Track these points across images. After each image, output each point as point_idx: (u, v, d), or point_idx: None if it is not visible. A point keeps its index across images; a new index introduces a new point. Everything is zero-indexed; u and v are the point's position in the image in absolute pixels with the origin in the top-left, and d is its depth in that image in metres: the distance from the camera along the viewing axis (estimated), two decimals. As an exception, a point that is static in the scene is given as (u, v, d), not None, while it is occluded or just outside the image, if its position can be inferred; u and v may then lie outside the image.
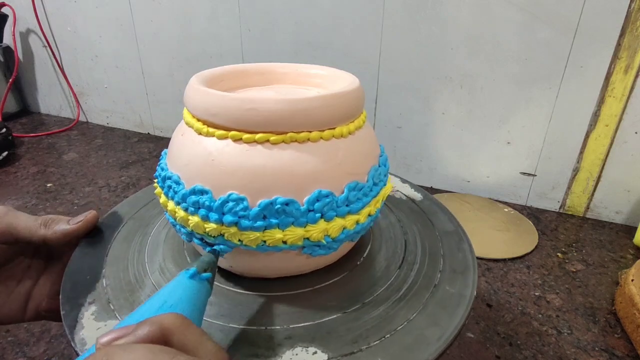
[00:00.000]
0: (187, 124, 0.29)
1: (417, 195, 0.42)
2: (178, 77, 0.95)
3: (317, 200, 0.25)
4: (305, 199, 0.25)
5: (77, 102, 1.11)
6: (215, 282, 0.30)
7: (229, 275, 0.30)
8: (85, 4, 0.97)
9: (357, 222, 0.27)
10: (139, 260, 0.32)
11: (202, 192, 0.25)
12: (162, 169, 0.29)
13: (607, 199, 0.68)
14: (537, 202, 0.73)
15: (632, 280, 0.47)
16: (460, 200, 0.73)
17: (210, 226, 0.25)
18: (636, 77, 0.59)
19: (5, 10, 1.05)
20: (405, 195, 0.42)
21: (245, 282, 0.30)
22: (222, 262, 0.29)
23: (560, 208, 0.72)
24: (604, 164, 0.65)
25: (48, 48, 1.06)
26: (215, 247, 0.26)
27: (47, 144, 0.99)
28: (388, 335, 0.25)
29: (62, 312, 0.27)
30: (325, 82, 0.34)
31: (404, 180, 0.44)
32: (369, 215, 0.28)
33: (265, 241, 0.25)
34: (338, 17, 0.73)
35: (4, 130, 0.88)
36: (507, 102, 0.68)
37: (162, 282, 0.30)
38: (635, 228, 0.64)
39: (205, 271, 0.23)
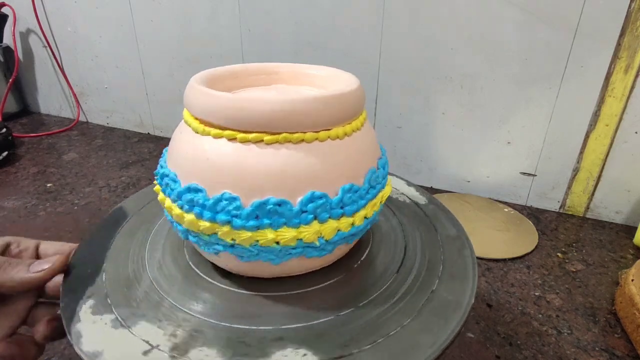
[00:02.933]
0: (185, 122, 0.29)
1: (421, 199, 0.41)
2: (178, 77, 0.95)
3: (311, 202, 0.25)
4: (299, 199, 0.25)
5: (77, 102, 1.11)
6: (209, 279, 0.30)
7: (224, 273, 0.31)
8: (86, 4, 0.96)
9: (352, 225, 0.27)
10: (139, 255, 0.32)
11: (197, 190, 0.26)
12: (161, 166, 0.30)
13: (607, 198, 0.68)
14: (537, 202, 0.73)
15: (632, 280, 0.47)
16: (460, 200, 0.73)
17: (204, 224, 0.25)
18: (636, 77, 0.59)
19: (5, 10, 1.05)
20: (409, 198, 0.41)
21: (241, 281, 0.30)
22: (219, 261, 0.29)
23: (560, 208, 0.72)
24: (604, 164, 0.65)
25: (48, 48, 1.06)
26: None
27: (47, 144, 0.99)
28: (380, 340, 0.25)
29: (61, 304, 0.27)
30: (325, 82, 0.34)
31: (409, 184, 0.44)
32: (365, 218, 0.28)
33: (258, 241, 0.25)
34: (338, 17, 0.73)
35: (4, 130, 0.88)
36: (507, 102, 0.68)
37: (159, 278, 0.30)
38: (635, 228, 0.64)
39: None
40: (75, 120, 1.12)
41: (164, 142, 1.00)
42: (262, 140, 0.25)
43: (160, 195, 0.29)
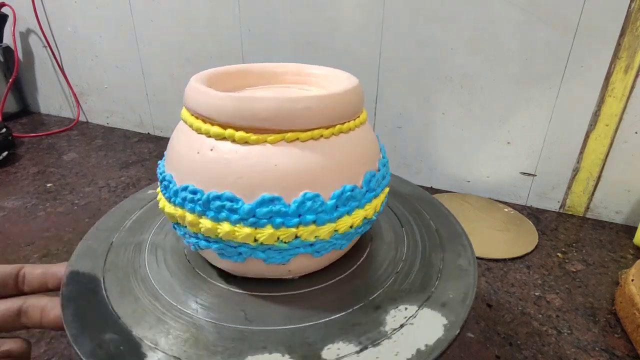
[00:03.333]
0: (185, 123, 0.29)
1: (420, 198, 0.42)
2: (178, 77, 0.95)
3: (302, 203, 0.25)
4: (295, 199, 0.25)
5: (77, 102, 1.11)
6: (209, 279, 0.30)
7: (224, 274, 0.31)
8: (86, 4, 0.96)
9: (366, 217, 0.28)
10: (138, 258, 0.32)
11: (196, 190, 0.26)
12: (160, 167, 0.30)
13: (607, 198, 0.68)
14: (537, 202, 0.73)
15: (632, 280, 0.47)
16: (460, 200, 0.73)
17: (205, 224, 0.26)
18: (636, 77, 0.59)
19: (5, 10, 1.05)
20: (408, 196, 0.42)
21: (243, 282, 0.30)
22: (208, 256, 0.29)
23: (560, 208, 0.72)
24: (604, 164, 0.65)
25: (48, 48, 1.06)
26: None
27: (47, 144, 0.99)
28: (384, 340, 0.25)
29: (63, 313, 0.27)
30: (324, 82, 0.34)
31: (404, 181, 0.44)
32: (365, 218, 0.29)
33: (257, 239, 0.26)
34: (338, 17, 0.73)
35: (4, 130, 0.88)
36: (507, 102, 0.68)
37: (163, 283, 0.30)
38: (636, 228, 0.64)
39: None
40: (75, 120, 1.12)
41: (164, 142, 1.00)
42: (265, 141, 0.25)
43: (159, 195, 0.29)
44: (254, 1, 0.79)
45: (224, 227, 0.25)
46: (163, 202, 0.29)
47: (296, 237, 0.26)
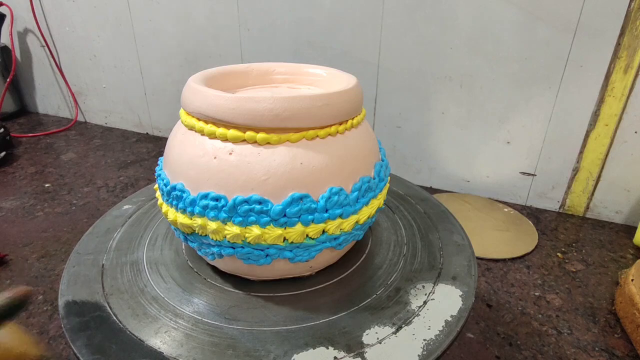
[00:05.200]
0: (182, 123, 0.29)
1: (419, 197, 0.42)
2: (177, 77, 0.94)
3: (329, 198, 0.26)
4: (320, 195, 0.26)
5: (75, 102, 1.11)
6: (214, 283, 0.30)
7: (229, 277, 0.30)
8: (84, 4, 0.96)
9: (368, 216, 0.29)
10: (137, 261, 0.32)
11: (210, 194, 0.25)
12: (162, 178, 0.29)
13: (607, 198, 0.68)
14: (537, 202, 0.73)
15: (632, 280, 0.47)
16: (460, 200, 0.73)
17: (230, 229, 0.25)
18: (636, 76, 0.59)
19: (2, 9, 1.04)
20: (407, 196, 0.42)
21: (247, 284, 0.30)
22: (227, 264, 0.29)
23: (560, 208, 0.72)
24: (603, 164, 0.65)
25: (46, 48, 1.06)
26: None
27: (45, 144, 0.98)
28: (390, 335, 0.25)
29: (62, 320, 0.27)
30: (323, 81, 0.34)
31: (403, 180, 0.45)
32: (381, 203, 0.30)
33: (287, 239, 0.26)
34: (338, 17, 0.73)
35: (2, 130, 0.88)
36: (507, 102, 0.68)
37: (164, 285, 0.30)
38: (635, 228, 0.64)
39: None
40: (74, 120, 1.11)
41: (162, 142, 1.00)
42: (287, 140, 0.25)
43: (171, 213, 0.28)
44: (253, 1, 0.79)
45: (253, 231, 0.25)
46: (174, 214, 0.27)
47: (323, 232, 0.27)
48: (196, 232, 0.27)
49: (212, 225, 0.25)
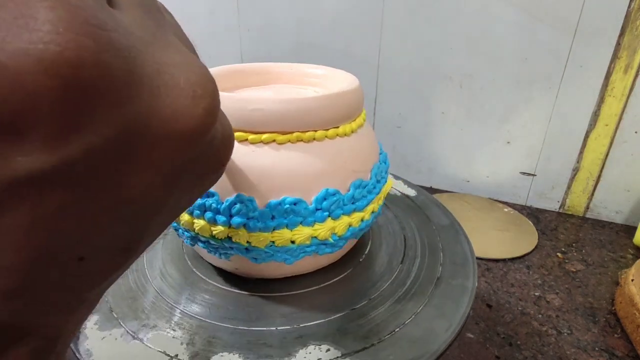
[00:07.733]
0: None
1: (411, 191, 0.43)
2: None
3: (325, 199, 0.26)
4: (313, 197, 0.25)
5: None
6: (219, 285, 0.30)
7: (232, 278, 0.30)
8: (84, 4, 0.96)
9: (362, 220, 0.28)
10: (137, 266, 0.32)
11: (208, 194, 0.25)
12: None
13: (607, 198, 0.68)
14: (537, 202, 0.73)
15: (632, 280, 0.47)
16: (460, 200, 0.73)
17: (218, 229, 0.25)
18: (636, 76, 0.59)
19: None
20: (400, 192, 0.42)
21: (250, 284, 0.30)
22: (228, 265, 0.29)
23: (560, 208, 0.72)
24: (603, 164, 0.65)
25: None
26: None
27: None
28: (397, 329, 0.26)
29: None
30: (323, 81, 0.34)
31: (397, 177, 0.45)
32: (373, 212, 0.29)
33: (274, 242, 0.25)
34: (338, 17, 0.73)
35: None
36: (507, 102, 0.68)
37: (165, 287, 0.30)
38: (635, 228, 0.64)
39: None
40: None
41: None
42: (274, 141, 0.25)
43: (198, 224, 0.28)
44: (254, 1, 0.79)
45: (285, 235, 0.25)
46: (201, 224, 0.26)
47: (350, 225, 0.27)
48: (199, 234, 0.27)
49: (242, 233, 0.26)
